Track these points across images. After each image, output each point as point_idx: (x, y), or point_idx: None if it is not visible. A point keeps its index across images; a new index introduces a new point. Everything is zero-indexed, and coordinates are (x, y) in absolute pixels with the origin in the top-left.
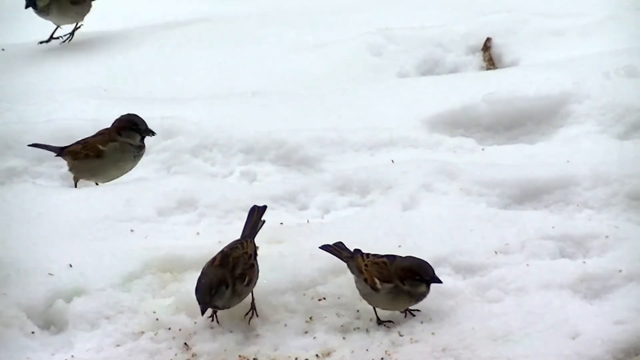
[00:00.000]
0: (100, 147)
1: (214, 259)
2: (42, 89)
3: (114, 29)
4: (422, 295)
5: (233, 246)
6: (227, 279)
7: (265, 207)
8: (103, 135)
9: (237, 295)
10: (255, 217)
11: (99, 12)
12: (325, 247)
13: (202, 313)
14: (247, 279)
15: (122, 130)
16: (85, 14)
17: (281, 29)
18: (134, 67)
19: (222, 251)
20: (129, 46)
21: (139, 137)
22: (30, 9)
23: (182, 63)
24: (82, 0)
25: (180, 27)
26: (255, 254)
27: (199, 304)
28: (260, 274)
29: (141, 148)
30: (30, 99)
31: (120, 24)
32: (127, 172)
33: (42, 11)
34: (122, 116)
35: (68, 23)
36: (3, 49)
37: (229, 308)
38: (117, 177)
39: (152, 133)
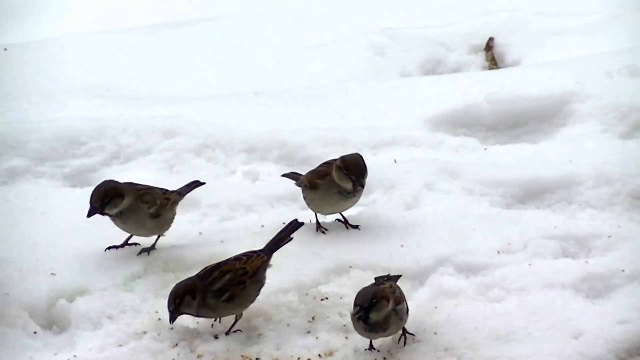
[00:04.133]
0: None
1: (204, 269)
2: (45, 89)
3: (116, 29)
4: (362, 328)
5: (238, 257)
6: (197, 290)
7: (302, 223)
8: None
9: (210, 308)
10: (287, 232)
11: (102, 12)
12: None
13: (170, 321)
14: (226, 295)
15: None
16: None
17: (283, 29)
18: (136, 66)
19: (220, 262)
20: (132, 46)
21: None
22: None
23: (185, 63)
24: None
25: (183, 27)
26: (257, 272)
27: (168, 311)
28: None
29: None
30: (33, 98)
31: (123, 23)
32: None
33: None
34: None
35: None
36: (5, 49)
37: (207, 318)
38: None
39: None
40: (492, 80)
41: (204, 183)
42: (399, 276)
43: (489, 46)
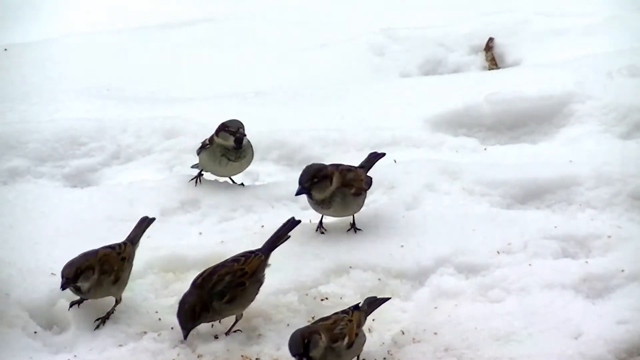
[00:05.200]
0: None
1: (200, 276)
2: (45, 89)
3: (116, 29)
4: None
5: (236, 258)
6: (207, 302)
7: (299, 221)
8: None
9: (217, 313)
10: (284, 230)
11: (102, 12)
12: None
13: (185, 338)
14: (227, 297)
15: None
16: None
17: (284, 29)
18: (136, 67)
19: (216, 265)
20: (132, 46)
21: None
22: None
23: (185, 63)
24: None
25: (183, 27)
26: (256, 272)
27: (181, 328)
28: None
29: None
30: (33, 98)
31: (123, 23)
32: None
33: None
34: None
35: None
36: (5, 49)
37: (211, 321)
38: None
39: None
40: (492, 80)
41: (153, 219)
42: (387, 298)
43: (489, 46)
